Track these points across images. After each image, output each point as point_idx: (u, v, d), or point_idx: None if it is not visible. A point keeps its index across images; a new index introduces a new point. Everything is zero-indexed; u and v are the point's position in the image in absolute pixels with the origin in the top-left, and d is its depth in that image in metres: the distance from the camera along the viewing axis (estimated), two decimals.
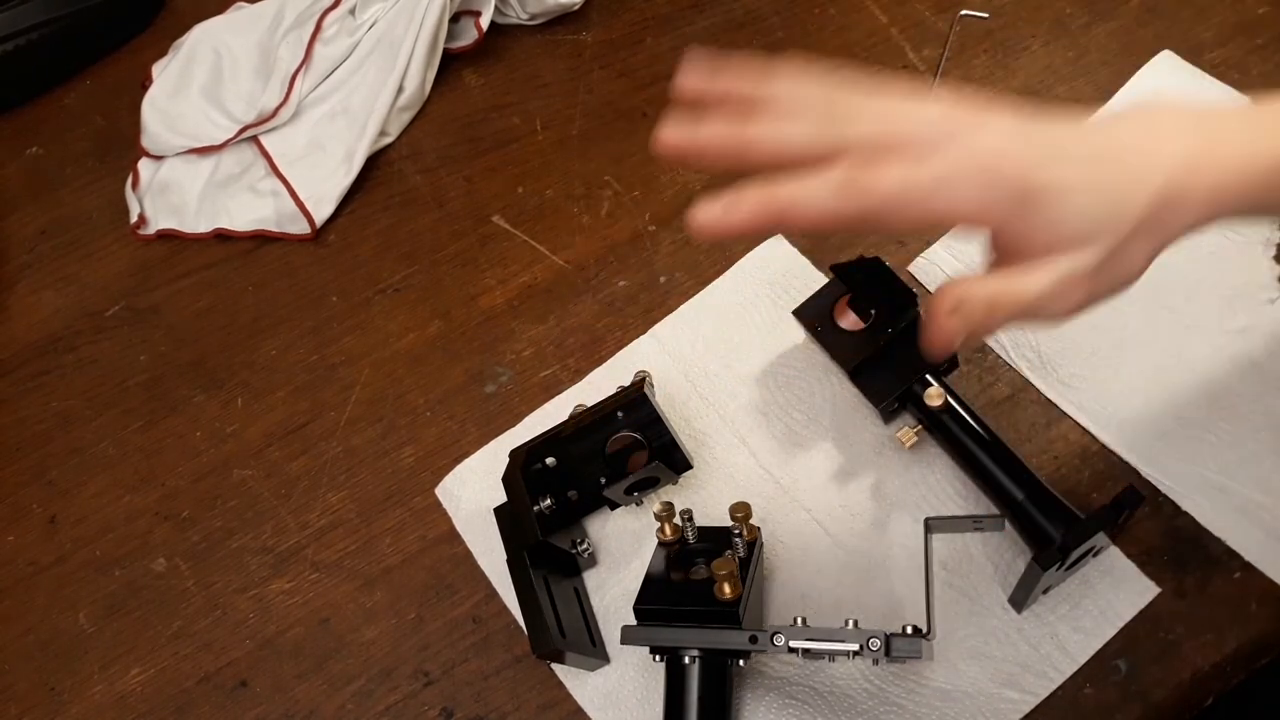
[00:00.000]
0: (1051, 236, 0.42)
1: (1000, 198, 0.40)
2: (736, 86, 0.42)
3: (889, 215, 0.40)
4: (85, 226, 0.81)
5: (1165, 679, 0.53)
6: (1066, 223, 0.42)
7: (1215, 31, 0.72)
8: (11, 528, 0.69)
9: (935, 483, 0.60)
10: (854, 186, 0.39)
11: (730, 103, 0.42)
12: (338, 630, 0.62)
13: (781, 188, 0.40)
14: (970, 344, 0.43)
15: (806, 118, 0.41)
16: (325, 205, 0.77)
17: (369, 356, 0.71)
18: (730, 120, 0.41)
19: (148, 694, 0.62)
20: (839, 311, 0.62)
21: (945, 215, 0.41)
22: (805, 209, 0.40)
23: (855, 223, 0.40)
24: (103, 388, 0.73)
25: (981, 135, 0.40)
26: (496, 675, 0.59)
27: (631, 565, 0.61)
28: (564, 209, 0.75)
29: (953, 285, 0.43)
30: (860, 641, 0.48)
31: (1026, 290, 0.43)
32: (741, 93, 0.42)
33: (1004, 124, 0.41)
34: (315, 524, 0.65)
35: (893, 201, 0.39)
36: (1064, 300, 0.44)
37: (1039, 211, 0.41)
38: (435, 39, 0.79)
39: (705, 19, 0.81)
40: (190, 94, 0.82)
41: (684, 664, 0.52)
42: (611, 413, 0.58)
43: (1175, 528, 0.57)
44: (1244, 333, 0.60)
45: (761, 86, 0.42)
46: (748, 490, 0.62)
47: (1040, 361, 0.62)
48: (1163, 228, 0.44)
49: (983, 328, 0.44)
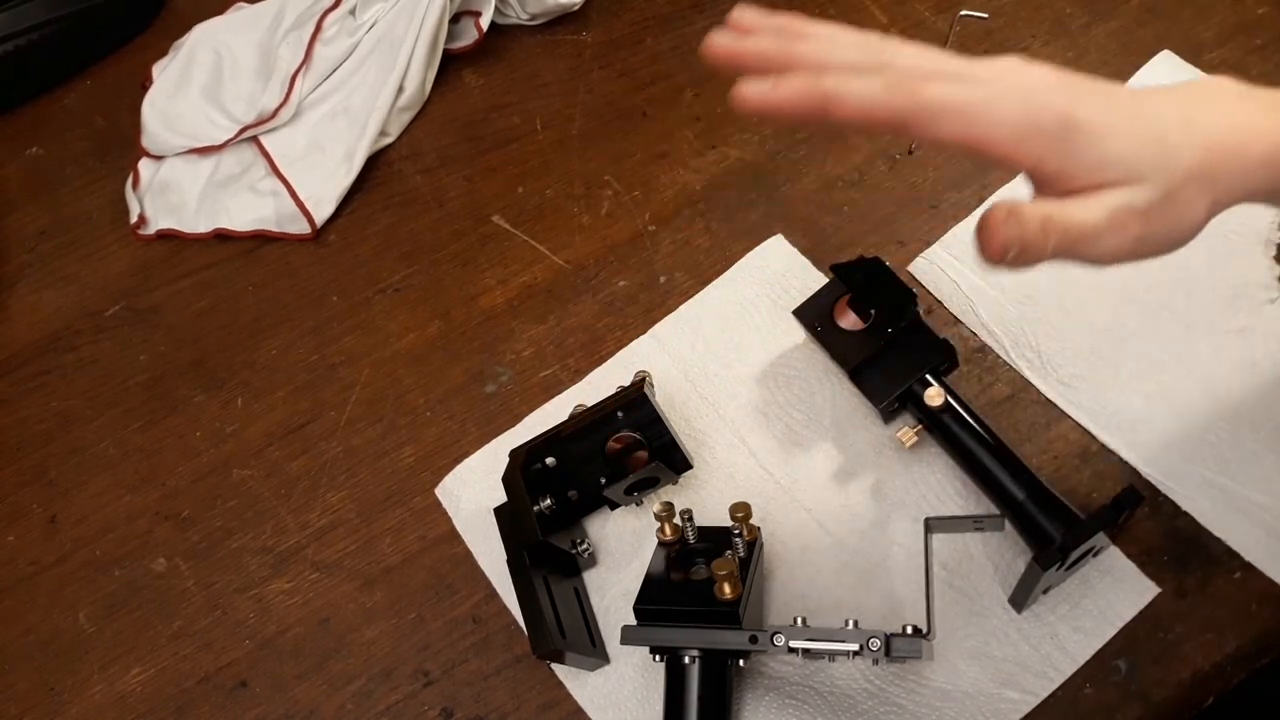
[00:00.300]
0: (1097, 173, 0.42)
1: (1043, 126, 0.40)
2: (785, 23, 0.43)
3: (930, 123, 0.39)
4: (85, 226, 0.81)
5: (1165, 679, 0.53)
6: (1110, 162, 0.42)
7: (1215, 31, 0.72)
8: (11, 528, 0.69)
9: (935, 483, 0.60)
10: (901, 86, 0.39)
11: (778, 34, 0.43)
12: (338, 630, 0.62)
13: (830, 75, 0.40)
14: (1020, 261, 0.43)
15: (853, 48, 0.41)
16: (325, 205, 0.77)
17: (369, 356, 0.71)
18: (779, 40, 0.42)
19: (148, 694, 0.62)
20: (839, 311, 0.62)
21: (984, 137, 0.40)
22: (850, 99, 0.39)
23: (894, 125, 0.40)
24: (103, 388, 0.73)
25: (1029, 71, 0.41)
26: (496, 675, 0.59)
27: (631, 565, 0.61)
28: (564, 209, 0.75)
29: (1005, 201, 0.43)
30: (860, 641, 0.48)
31: (1081, 216, 0.43)
32: (790, 28, 0.42)
33: (1050, 69, 0.41)
34: (315, 524, 0.65)
35: (936, 108, 0.39)
36: (1117, 235, 0.43)
37: (1083, 148, 0.41)
38: (435, 39, 0.79)
39: (705, 19, 0.81)
40: (190, 94, 0.82)
41: (684, 664, 0.52)
42: (611, 413, 0.58)
43: (1175, 528, 0.57)
44: (1244, 333, 0.60)
45: (810, 25, 0.42)
46: (748, 490, 0.62)
47: (1040, 361, 0.62)
48: (1218, 181, 0.44)
49: (1035, 245, 0.43)
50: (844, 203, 0.71)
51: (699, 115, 0.77)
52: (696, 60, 0.79)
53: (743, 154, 0.74)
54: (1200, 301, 0.62)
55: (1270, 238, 0.63)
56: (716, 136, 0.75)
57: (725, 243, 0.71)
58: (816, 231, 0.70)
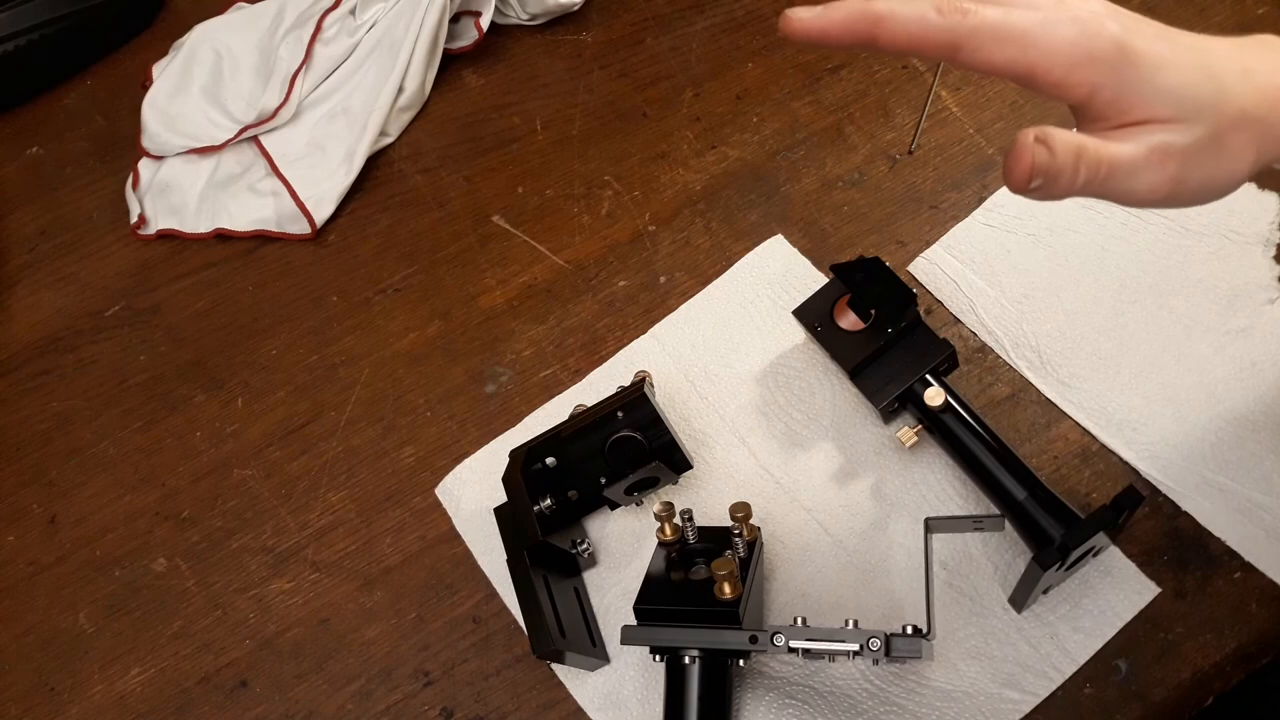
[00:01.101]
0: (1150, 106, 0.41)
1: (1098, 54, 0.39)
2: None
3: (982, 47, 0.39)
4: (85, 226, 0.81)
5: (1165, 679, 0.53)
6: (1164, 94, 0.41)
7: (1215, 32, 0.72)
8: (11, 528, 0.69)
9: (935, 483, 0.60)
10: (954, 7, 0.38)
11: None
12: (338, 630, 0.62)
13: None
14: (1045, 192, 0.41)
15: None
16: (325, 205, 0.77)
17: (369, 356, 0.71)
18: None
19: (148, 694, 0.62)
20: (839, 311, 0.62)
21: (1038, 63, 0.39)
22: (901, 21, 0.39)
23: (945, 50, 0.39)
24: (103, 388, 0.73)
25: (1087, 1, 0.40)
26: (496, 675, 0.59)
27: (631, 565, 0.61)
28: (564, 209, 0.75)
29: (1038, 127, 0.41)
30: (860, 641, 0.48)
31: (1117, 150, 0.41)
32: None
33: (1110, 3, 0.41)
34: (315, 524, 0.65)
35: (989, 32, 0.39)
36: (1151, 174, 0.42)
37: (1138, 79, 0.40)
38: (435, 39, 0.79)
39: (705, 19, 0.81)
40: (190, 94, 0.82)
41: (684, 664, 0.52)
42: (611, 413, 0.58)
43: (1175, 528, 0.57)
44: (1244, 333, 0.60)
45: None
46: (748, 490, 0.62)
47: (1040, 361, 0.62)
48: (1268, 132, 0.43)
49: (1064, 175, 0.41)
50: (844, 203, 0.71)
51: (699, 115, 0.77)
52: (696, 60, 0.80)
53: (743, 154, 0.74)
54: (1200, 301, 0.62)
55: (1270, 238, 0.63)
56: (716, 136, 0.76)
57: (725, 243, 0.71)
58: (816, 231, 0.70)
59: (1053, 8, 0.39)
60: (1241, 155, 0.43)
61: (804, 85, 0.76)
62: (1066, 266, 0.65)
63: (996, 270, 0.65)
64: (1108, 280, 0.63)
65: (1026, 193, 0.41)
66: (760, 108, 0.76)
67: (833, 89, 0.76)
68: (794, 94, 0.76)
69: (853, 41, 0.40)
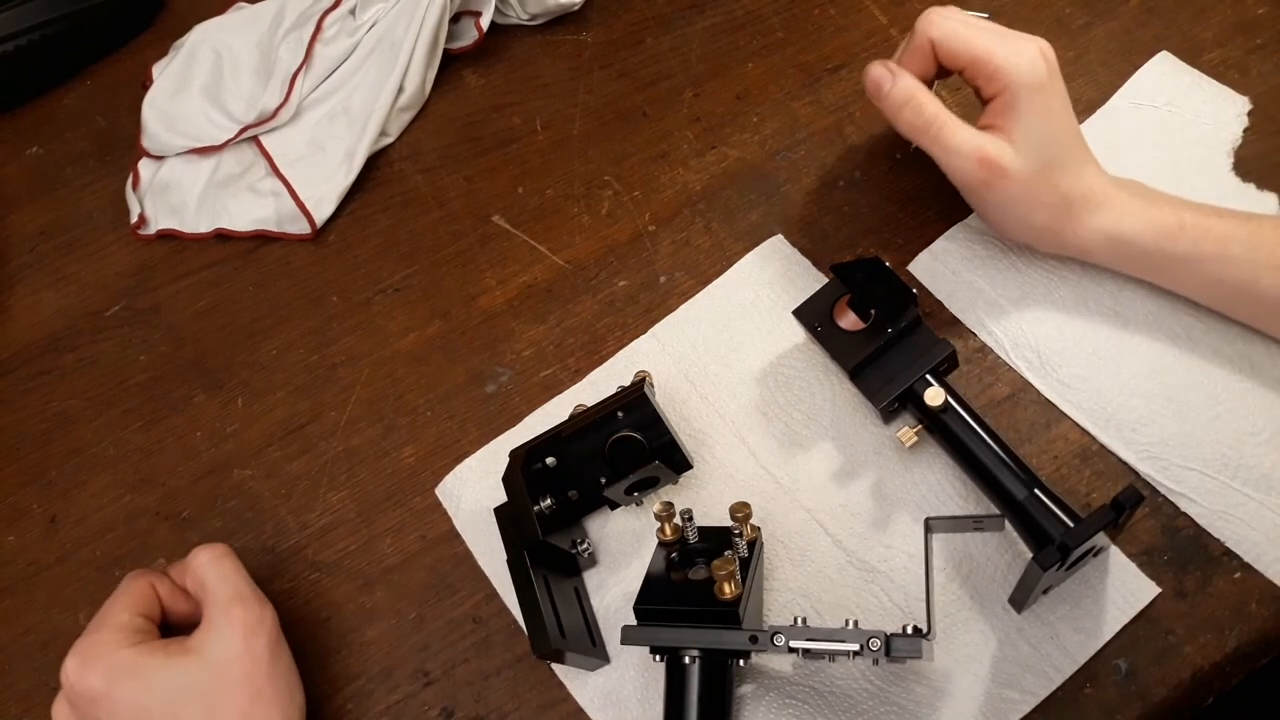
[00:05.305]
0: (1002, 97, 0.56)
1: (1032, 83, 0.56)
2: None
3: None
4: (85, 226, 0.81)
5: (1165, 679, 0.53)
6: (1029, 130, 0.55)
7: (1215, 32, 0.72)
8: (11, 528, 0.69)
9: (935, 483, 0.60)
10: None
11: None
12: (338, 630, 0.62)
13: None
14: (881, 105, 0.58)
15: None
16: (325, 205, 0.77)
17: (369, 356, 0.71)
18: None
19: None
20: (839, 311, 0.62)
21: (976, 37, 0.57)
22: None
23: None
24: (103, 388, 0.73)
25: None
26: (496, 675, 0.59)
27: (631, 565, 0.61)
28: (564, 209, 0.75)
29: (897, 68, 0.58)
30: (860, 641, 0.48)
31: (948, 120, 0.56)
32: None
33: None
34: (315, 524, 0.65)
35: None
36: (964, 166, 0.56)
37: (1008, 91, 0.56)
38: (435, 39, 0.79)
39: (705, 19, 0.81)
40: (190, 94, 0.82)
41: (684, 664, 0.52)
42: (611, 413, 0.58)
43: (1175, 528, 0.57)
44: (1244, 333, 0.61)
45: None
46: (748, 490, 0.62)
47: (1040, 361, 0.62)
48: (1069, 212, 0.57)
49: (896, 103, 0.57)
50: (844, 203, 0.71)
51: (699, 115, 0.77)
52: (697, 60, 0.80)
53: (743, 154, 0.74)
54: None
55: None
56: (716, 136, 0.76)
57: (725, 243, 0.71)
58: (816, 231, 0.70)
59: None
60: (1042, 214, 0.58)
61: (804, 85, 0.76)
62: (1066, 266, 0.65)
63: (996, 270, 0.65)
64: (1108, 280, 0.63)
65: (873, 98, 0.58)
66: (760, 108, 0.76)
67: (833, 89, 0.76)
68: (794, 94, 0.76)
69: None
